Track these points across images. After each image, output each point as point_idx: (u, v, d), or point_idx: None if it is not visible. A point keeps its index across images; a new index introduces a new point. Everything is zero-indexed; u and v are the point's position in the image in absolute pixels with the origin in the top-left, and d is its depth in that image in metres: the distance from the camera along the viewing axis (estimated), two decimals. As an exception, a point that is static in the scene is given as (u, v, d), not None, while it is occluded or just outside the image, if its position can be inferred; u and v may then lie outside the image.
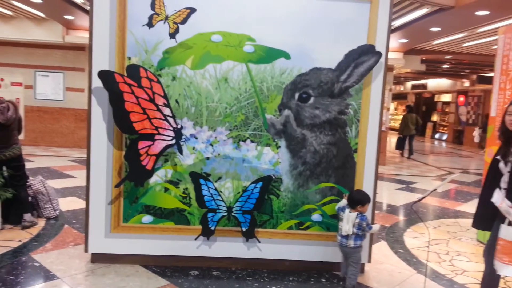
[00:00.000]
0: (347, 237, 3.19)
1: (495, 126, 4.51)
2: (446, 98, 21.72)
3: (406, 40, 9.40)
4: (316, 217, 3.46)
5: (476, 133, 17.44)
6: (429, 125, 22.71)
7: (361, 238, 3.19)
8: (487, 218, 2.74)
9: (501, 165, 2.66)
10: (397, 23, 8.07)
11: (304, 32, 3.31)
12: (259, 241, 3.43)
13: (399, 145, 12.80)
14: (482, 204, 2.81)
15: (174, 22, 3.25)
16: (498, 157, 2.69)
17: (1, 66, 10.31)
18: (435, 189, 3.14)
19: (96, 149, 3.27)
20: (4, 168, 4.22)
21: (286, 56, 3.32)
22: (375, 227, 3.26)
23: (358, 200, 3.19)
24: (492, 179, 2.74)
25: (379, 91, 3.40)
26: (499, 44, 4.59)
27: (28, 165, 7.46)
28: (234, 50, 3.28)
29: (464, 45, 10.47)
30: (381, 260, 3.88)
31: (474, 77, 17.29)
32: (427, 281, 3.42)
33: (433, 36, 9.08)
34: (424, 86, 22.43)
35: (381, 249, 4.20)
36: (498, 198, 2.49)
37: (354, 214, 3.15)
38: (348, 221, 3.15)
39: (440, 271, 3.76)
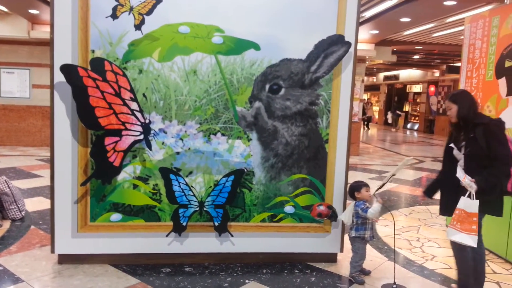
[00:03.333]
0: (351, 227, 3.26)
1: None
2: (417, 88, 22.19)
3: (377, 31, 9.50)
4: (288, 209, 3.45)
5: (389, 116, 22.59)
6: (401, 115, 23.16)
7: (362, 228, 3.20)
8: (451, 204, 2.89)
9: (456, 152, 2.89)
10: (367, 14, 8.13)
11: (273, 22, 3.27)
12: (232, 235, 3.39)
13: None
14: (445, 191, 3.02)
15: (139, 13, 3.15)
16: (451, 145, 2.92)
17: (-36, 63, 9.86)
18: (394, 175, 3.24)
19: (60, 147, 3.15)
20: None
21: (256, 47, 3.28)
22: (373, 208, 3.11)
23: (351, 190, 3.29)
24: (448, 165, 2.95)
25: (349, 81, 3.41)
26: (465, 34, 4.67)
27: (-8, 165, 7.22)
28: (203, 41, 3.21)
29: (434, 35, 10.67)
30: (354, 249, 3.91)
31: (444, 67, 17.70)
32: (398, 268, 3.48)
33: (403, 27, 9.21)
34: (396, 77, 22.84)
35: (354, 238, 4.23)
36: (461, 173, 2.70)
37: (352, 203, 3.23)
38: (348, 211, 3.24)
39: (411, 258, 3.83)
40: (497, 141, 2.71)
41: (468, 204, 2.68)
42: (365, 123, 20.68)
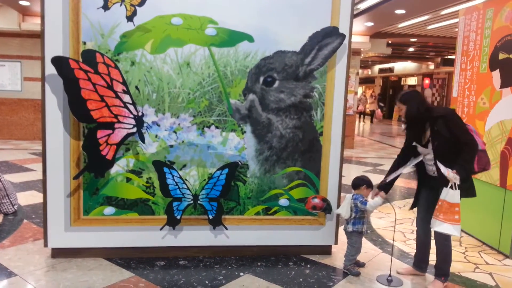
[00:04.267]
0: (348, 221, 3.24)
1: (457, 106, 4.61)
2: (412, 81, 22.22)
3: (372, 24, 9.47)
4: (283, 201, 3.45)
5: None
6: (396, 108, 23.23)
7: (360, 222, 3.20)
8: (415, 198, 3.19)
9: (421, 148, 2.98)
10: (362, 6, 8.10)
11: (267, 14, 3.24)
12: (226, 228, 3.38)
13: None
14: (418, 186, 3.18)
15: (131, 4, 3.10)
16: (413, 143, 3.01)
17: (-46, 56, 9.72)
18: (401, 173, 3.21)
19: (52, 140, 3.11)
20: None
21: (250, 39, 3.24)
22: (374, 201, 3.11)
23: (363, 182, 3.23)
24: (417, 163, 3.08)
25: (344, 74, 3.39)
26: (460, 26, 4.66)
27: (-16, 159, 7.15)
28: (196, 33, 3.17)
29: (429, 27, 10.66)
30: (348, 241, 3.92)
31: (439, 59, 17.72)
32: (393, 260, 3.48)
33: (398, 19, 9.19)
34: (391, 70, 22.84)
35: (349, 230, 4.24)
36: (444, 169, 2.75)
37: (349, 196, 3.21)
38: (345, 204, 3.21)
39: (405, 250, 3.85)
40: (460, 128, 2.81)
41: (450, 195, 2.75)
42: (364, 116, 20.73)
